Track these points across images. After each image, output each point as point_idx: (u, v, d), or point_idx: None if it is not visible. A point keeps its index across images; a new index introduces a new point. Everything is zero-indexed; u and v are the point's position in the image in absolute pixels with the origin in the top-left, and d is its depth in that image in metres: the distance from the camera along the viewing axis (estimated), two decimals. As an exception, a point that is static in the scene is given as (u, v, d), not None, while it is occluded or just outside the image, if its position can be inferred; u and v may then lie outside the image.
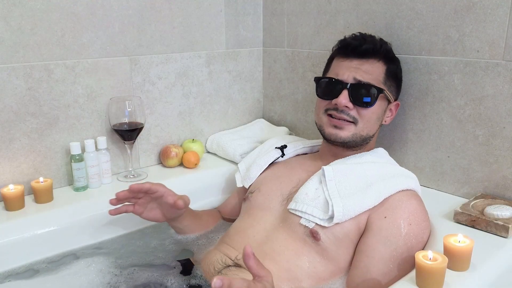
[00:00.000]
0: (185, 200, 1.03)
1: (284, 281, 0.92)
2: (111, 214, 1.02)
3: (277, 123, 1.66)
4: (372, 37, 1.11)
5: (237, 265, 0.96)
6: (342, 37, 1.13)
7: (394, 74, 1.10)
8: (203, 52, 1.49)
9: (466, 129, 1.11)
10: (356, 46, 1.06)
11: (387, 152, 1.11)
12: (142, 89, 1.37)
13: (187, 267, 1.03)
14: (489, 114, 1.06)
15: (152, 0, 1.34)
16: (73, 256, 1.10)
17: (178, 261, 1.05)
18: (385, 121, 1.11)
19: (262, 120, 1.68)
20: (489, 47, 1.04)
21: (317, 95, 1.10)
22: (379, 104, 1.04)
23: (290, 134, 1.58)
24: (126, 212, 1.04)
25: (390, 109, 1.10)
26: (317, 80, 1.10)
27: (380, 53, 1.07)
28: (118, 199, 1.01)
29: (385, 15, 1.23)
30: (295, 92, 1.56)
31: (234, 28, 1.55)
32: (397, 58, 1.14)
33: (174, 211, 1.06)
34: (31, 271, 1.04)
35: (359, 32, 1.13)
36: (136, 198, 1.04)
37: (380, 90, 1.03)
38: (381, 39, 1.12)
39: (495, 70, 1.04)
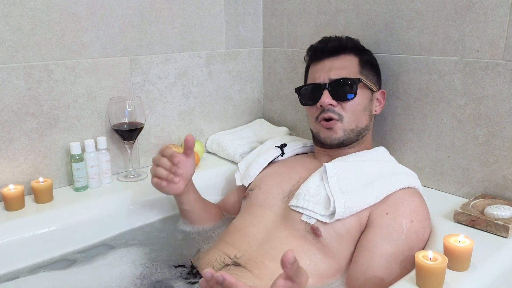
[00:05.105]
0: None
1: (285, 280, 0.92)
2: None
3: (277, 123, 1.66)
4: (337, 37, 1.16)
5: (236, 264, 0.96)
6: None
7: (369, 63, 1.13)
8: (203, 52, 1.49)
9: (466, 129, 1.11)
10: (323, 47, 1.12)
11: (387, 151, 1.11)
12: (142, 89, 1.37)
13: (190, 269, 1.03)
14: (489, 114, 1.06)
15: (152, 0, 1.34)
16: (73, 256, 1.10)
17: (175, 266, 1.05)
18: (376, 111, 1.14)
19: (262, 120, 1.68)
20: (489, 47, 1.04)
21: (301, 103, 1.15)
22: (361, 94, 1.07)
23: (290, 134, 1.58)
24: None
25: (377, 99, 1.14)
26: (297, 90, 1.15)
27: (348, 46, 1.12)
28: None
29: (385, 15, 1.23)
30: (295, 92, 1.55)
31: (234, 28, 1.55)
32: (368, 50, 1.17)
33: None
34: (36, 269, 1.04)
35: (324, 36, 1.18)
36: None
37: (357, 80, 1.07)
38: (347, 37, 1.16)
39: (495, 70, 1.04)
